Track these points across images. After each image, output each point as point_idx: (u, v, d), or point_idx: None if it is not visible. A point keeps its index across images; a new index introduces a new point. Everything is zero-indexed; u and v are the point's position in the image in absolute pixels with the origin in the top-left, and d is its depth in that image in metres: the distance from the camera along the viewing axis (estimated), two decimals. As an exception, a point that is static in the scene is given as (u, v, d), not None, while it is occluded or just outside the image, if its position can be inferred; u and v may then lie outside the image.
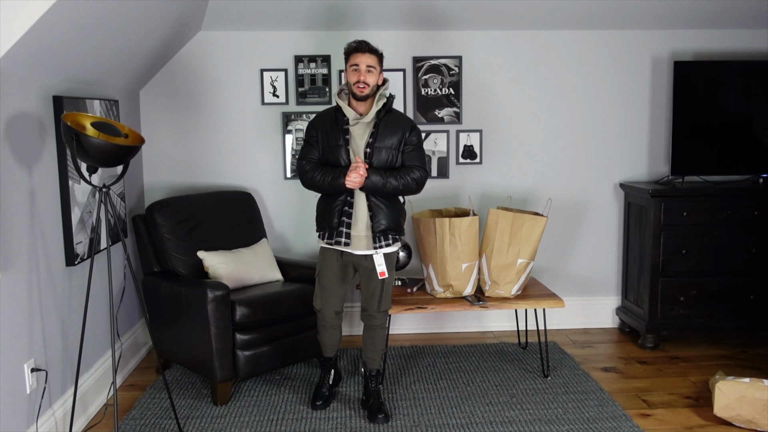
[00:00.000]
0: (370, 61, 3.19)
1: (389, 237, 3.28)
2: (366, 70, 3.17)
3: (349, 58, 3.22)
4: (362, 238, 3.26)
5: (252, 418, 3.39)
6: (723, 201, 4.25)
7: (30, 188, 2.89)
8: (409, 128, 3.29)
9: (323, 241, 3.33)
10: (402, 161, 3.28)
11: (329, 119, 3.31)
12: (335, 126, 3.27)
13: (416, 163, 3.28)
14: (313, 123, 3.37)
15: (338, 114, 3.28)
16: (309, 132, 3.35)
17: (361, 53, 3.19)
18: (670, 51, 4.54)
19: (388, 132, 3.25)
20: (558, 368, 3.99)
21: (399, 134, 3.26)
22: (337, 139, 3.24)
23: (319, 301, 3.43)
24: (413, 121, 3.39)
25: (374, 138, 3.23)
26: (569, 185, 4.63)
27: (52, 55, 2.90)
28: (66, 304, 3.21)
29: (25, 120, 2.86)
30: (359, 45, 3.22)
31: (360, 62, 3.18)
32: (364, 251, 3.28)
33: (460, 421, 3.34)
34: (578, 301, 4.74)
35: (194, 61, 4.37)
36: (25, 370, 2.83)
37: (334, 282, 3.38)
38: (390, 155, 3.25)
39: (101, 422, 3.36)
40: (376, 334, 3.44)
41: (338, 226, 3.25)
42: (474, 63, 4.48)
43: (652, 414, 3.44)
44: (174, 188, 4.46)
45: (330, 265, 3.36)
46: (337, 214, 3.26)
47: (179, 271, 3.80)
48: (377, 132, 3.23)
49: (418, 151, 3.31)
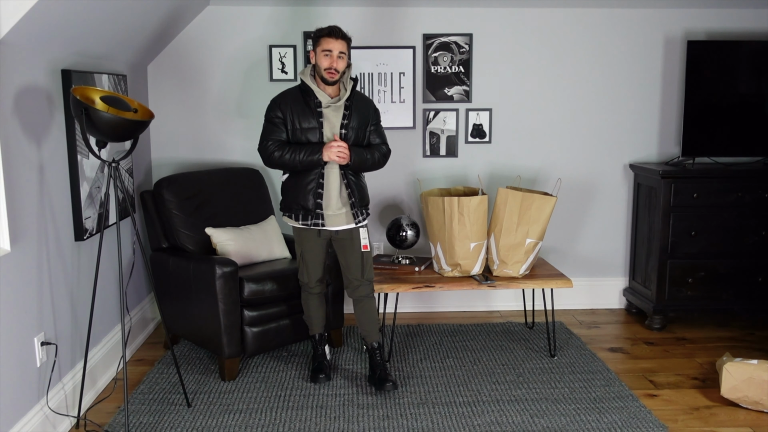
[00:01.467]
0: (342, 47, 3.24)
1: (365, 212, 3.44)
2: (338, 56, 3.22)
3: (320, 42, 3.25)
4: (340, 215, 3.36)
5: (259, 394, 3.41)
6: (733, 183, 4.22)
7: (39, 162, 2.89)
8: (373, 110, 3.47)
9: (298, 222, 3.39)
10: (369, 140, 3.44)
11: (297, 101, 3.33)
12: (306, 108, 3.31)
13: (381, 140, 3.48)
14: (278, 103, 3.36)
15: (306, 96, 3.32)
16: (273, 112, 3.35)
17: (333, 39, 3.23)
18: (683, 30, 4.48)
19: (359, 114, 3.38)
20: (564, 348, 3.99)
21: (366, 115, 3.41)
22: (310, 122, 3.30)
23: (306, 275, 3.53)
24: (373, 102, 3.54)
25: (348, 119, 3.33)
26: (579, 165, 4.60)
27: (60, 29, 2.88)
28: (75, 279, 3.22)
29: (34, 94, 2.84)
30: (332, 30, 3.24)
31: (333, 48, 3.22)
32: (343, 226, 3.37)
33: (466, 399, 3.35)
34: (586, 282, 4.73)
35: (202, 35, 4.33)
36: (35, 343, 2.85)
37: (318, 257, 3.49)
38: (361, 134, 3.40)
39: (110, 396, 3.39)
40: (366, 305, 3.49)
41: (315, 208, 3.31)
42: (484, 41, 4.43)
43: (659, 394, 3.45)
44: (182, 164, 4.45)
45: (310, 243, 3.45)
46: (312, 194, 3.31)
47: (187, 247, 3.80)
48: (350, 114, 3.34)
49: (381, 130, 3.51)
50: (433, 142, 4.51)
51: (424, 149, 4.52)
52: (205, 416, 3.19)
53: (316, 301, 3.60)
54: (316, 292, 3.58)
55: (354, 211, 3.37)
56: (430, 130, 4.50)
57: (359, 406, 3.29)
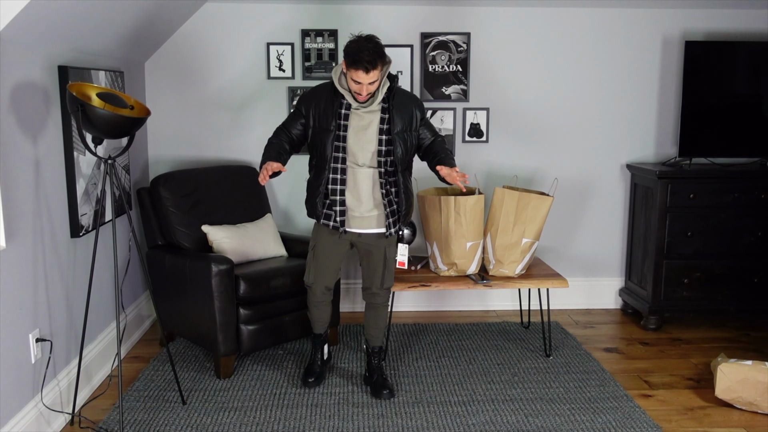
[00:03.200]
0: (374, 77, 2.89)
1: (403, 221, 3.25)
2: (368, 84, 2.92)
3: (350, 70, 2.91)
4: (369, 218, 3.16)
5: (254, 392, 3.41)
6: (730, 183, 4.22)
7: (35, 158, 2.88)
8: (416, 104, 3.17)
9: (319, 221, 3.22)
10: (419, 139, 3.19)
11: (325, 99, 3.08)
12: (329, 108, 3.05)
13: (434, 135, 3.23)
14: (306, 98, 3.15)
15: (335, 95, 3.06)
16: (299, 103, 3.17)
17: (364, 72, 2.86)
18: (681, 30, 4.48)
19: (402, 115, 3.08)
20: (560, 348, 4.00)
21: (410, 114, 3.12)
22: (329, 123, 3.04)
23: (311, 277, 3.36)
24: (414, 94, 3.27)
25: (390, 124, 3.05)
26: (576, 165, 4.61)
27: (58, 25, 2.87)
28: (71, 276, 3.21)
29: (30, 90, 2.84)
30: (359, 61, 2.83)
31: (363, 80, 2.89)
32: (370, 230, 3.20)
33: (461, 399, 3.35)
34: (582, 282, 4.74)
35: (200, 33, 4.32)
36: (30, 340, 2.84)
37: (330, 258, 3.29)
38: (409, 139, 3.11)
39: (105, 393, 3.38)
40: (378, 312, 3.44)
41: (330, 206, 3.12)
42: (482, 40, 4.43)
43: (653, 395, 3.45)
44: (179, 161, 4.44)
45: (327, 241, 3.25)
46: (320, 198, 3.13)
47: (183, 244, 3.80)
48: (391, 118, 3.05)
49: (430, 122, 3.27)
50: (430, 141, 4.50)
51: (422, 148, 4.52)
52: (200, 414, 3.19)
53: (321, 308, 3.46)
54: (320, 301, 3.41)
55: (390, 220, 3.13)
56: (428, 129, 4.49)
57: (354, 404, 3.29)
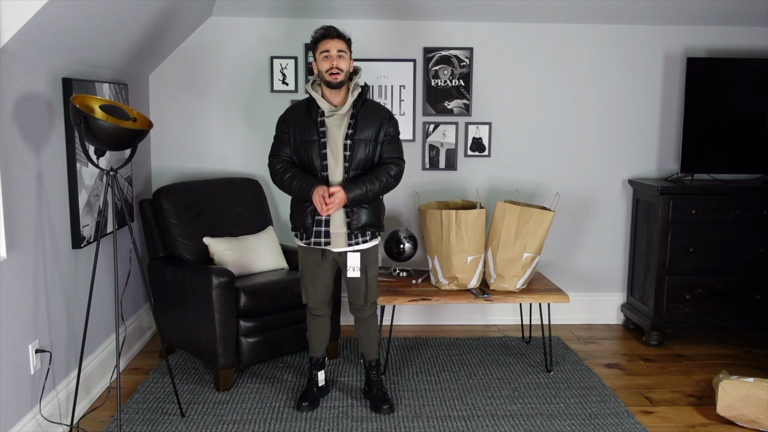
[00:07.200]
0: (340, 45, 3.10)
1: (367, 233, 3.23)
2: (337, 55, 3.08)
3: (318, 46, 3.13)
4: (341, 235, 3.19)
5: (254, 405, 3.40)
6: (732, 200, 4.22)
7: (38, 170, 2.90)
8: (387, 118, 3.21)
9: (301, 241, 3.26)
10: (380, 153, 3.21)
11: (301, 113, 3.20)
12: (308, 119, 3.15)
13: (394, 155, 3.22)
14: (284, 117, 3.25)
15: (311, 107, 3.17)
16: (280, 127, 3.25)
17: (330, 39, 3.11)
18: (683, 47, 4.50)
19: (366, 123, 3.15)
20: (561, 363, 3.98)
21: (377, 125, 3.17)
22: (311, 134, 3.14)
23: (306, 297, 3.40)
24: (390, 111, 3.30)
25: (353, 129, 3.13)
26: (577, 180, 4.61)
27: (62, 38, 2.90)
28: (71, 287, 3.22)
29: (34, 101, 2.86)
30: (327, 31, 3.12)
31: (330, 47, 3.09)
32: (344, 248, 3.22)
33: (461, 414, 3.34)
34: (583, 297, 4.72)
35: (204, 46, 4.35)
36: (30, 350, 2.84)
37: (319, 279, 3.33)
38: (369, 147, 3.17)
39: (104, 405, 3.38)
40: (368, 326, 3.42)
41: (312, 225, 3.17)
42: (485, 55, 4.45)
43: (655, 411, 3.43)
44: (181, 174, 4.46)
45: (311, 264, 3.29)
46: (309, 214, 3.17)
47: (185, 256, 3.80)
48: (356, 123, 3.13)
49: (396, 143, 3.25)
50: (432, 155, 4.52)
51: (424, 162, 4.53)
52: (198, 426, 3.17)
53: (320, 324, 3.46)
54: (319, 315, 3.43)
55: (349, 232, 3.18)
56: (430, 143, 4.51)
57: (353, 418, 3.28)
